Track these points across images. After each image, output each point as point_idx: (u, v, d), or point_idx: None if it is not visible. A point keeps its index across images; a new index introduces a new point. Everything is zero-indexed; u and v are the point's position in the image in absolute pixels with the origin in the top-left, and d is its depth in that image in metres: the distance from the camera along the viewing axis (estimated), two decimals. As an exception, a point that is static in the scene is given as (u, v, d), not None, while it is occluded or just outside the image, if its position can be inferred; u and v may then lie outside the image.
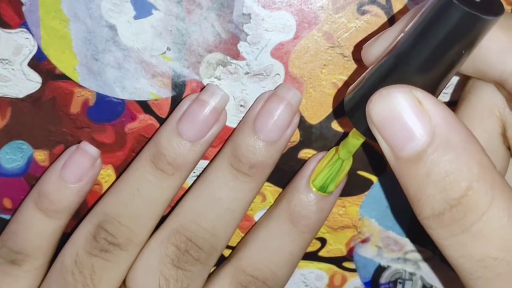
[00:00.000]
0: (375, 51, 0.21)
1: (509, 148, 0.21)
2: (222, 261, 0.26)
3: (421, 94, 0.18)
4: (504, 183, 0.18)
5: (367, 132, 0.19)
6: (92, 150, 0.24)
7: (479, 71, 0.20)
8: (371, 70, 0.20)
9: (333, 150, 0.24)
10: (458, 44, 0.17)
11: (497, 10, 0.17)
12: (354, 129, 0.22)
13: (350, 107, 0.20)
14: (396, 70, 0.18)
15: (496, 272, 0.18)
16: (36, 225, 0.24)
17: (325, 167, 0.24)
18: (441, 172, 0.17)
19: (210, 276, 0.25)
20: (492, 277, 0.18)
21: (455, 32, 0.17)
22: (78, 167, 0.24)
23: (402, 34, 0.18)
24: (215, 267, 0.26)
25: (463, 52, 0.18)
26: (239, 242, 0.26)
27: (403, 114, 0.18)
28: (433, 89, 0.18)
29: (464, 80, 0.21)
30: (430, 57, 0.18)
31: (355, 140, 0.22)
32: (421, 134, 0.17)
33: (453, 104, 0.24)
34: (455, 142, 0.17)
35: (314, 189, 0.24)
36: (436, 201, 0.18)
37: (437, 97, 0.19)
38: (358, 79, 0.20)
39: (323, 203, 0.24)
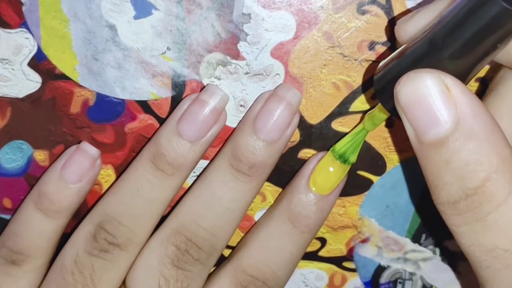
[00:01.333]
0: (409, 29, 0.21)
1: None
2: (222, 261, 0.26)
3: (450, 81, 0.18)
4: None
5: (394, 111, 0.20)
6: (92, 150, 0.24)
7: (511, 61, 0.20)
8: (403, 50, 0.20)
9: (329, 154, 0.24)
10: (493, 37, 0.17)
11: None
12: (379, 105, 0.22)
13: (379, 85, 0.20)
14: (429, 54, 0.18)
15: (505, 263, 0.18)
16: (36, 225, 0.24)
17: (348, 135, 0.24)
18: (461, 161, 0.18)
19: (210, 276, 0.25)
20: (501, 267, 0.18)
21: (492, 26, 0.17)
22: (78, 167, 0.24)
23: (438, 19, 0.18)
24: (215, 267, 0.26)
25: (498, 45, 0.18)
26: (239, 242, 0.26)
27: (430, 99, 0.18)
28: (463, 77, 0.18)
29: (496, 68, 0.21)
30: (464, 46, 0.18)
31: (381, 114, 0.22)
32: (446, 120, 0.18)
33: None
34: (479, 132, 0.17)
35: (314, 188, 0.24)
36: (453, 189, 0.18)
37: (466, 84, 0.19)
38: (389, 57, 0.20)
39: (323, 203, 0.24)
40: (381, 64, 0.21)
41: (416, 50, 0.19)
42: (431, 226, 0.27)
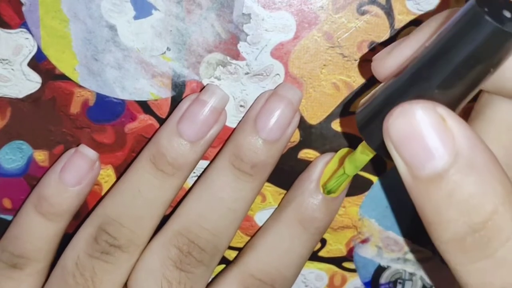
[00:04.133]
0: (389, 64, 0.20)
1: None
2: (223, 262, 0.26)
3: (445, 112, 0.17)
4: None
5: (381, 149, 0.18)
6: (91, 153, 0.24)
7: (499, 87, 0.19)
8: (387, 84, 0.19)
9: (337, 156, 0.24)
10: (485, 61, 0.16)
11: None
12: (363, 145, 0.21)
13: (363, 122, 0.19)
14: (417, 85, 0.17)
15: None
16: (37, 228, 0.24)
17: (331, 178, 0.24)
18: (465, 194, 0.16)
19: (215, 280, 0.25)
20: None
21: (484, 49, 0.16)
22: (77, 170, 0.24)
23: (423, 48, 0.17)
24: (221, 265, 0.26)
25: (491, 70, 0.17)
26: (244, 247, 0.26)
27: (425, 132, 0.17)
28: (455, 106, 0.18)
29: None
30: (454, 74, 0.17)
31: (364, 156, 0.21)
32: (443, 153, 0.16)
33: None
34: (479, 164, 0.16)
35: (323, 191, 0.24)
36: (458, 225, 0.17)
37: (457, 114, 0.18)
38: (371, 93, 0.19)
39: (332, 205, 0.25)
40: (362, 101, 0.20)
41: (403, 82, 0.18)
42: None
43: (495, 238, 0.17)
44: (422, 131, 0.17)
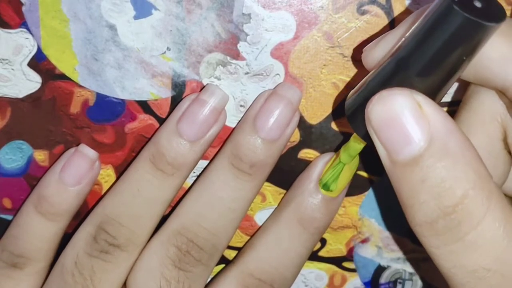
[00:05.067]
0: (376, 55, 0.21)
1: (510, 153, 0.21)
2: (223, 262, 0.26)
3: (422, 98, 0.17)
4: (500, 193, 0.18)
5: (367, 137, 0.19)
6: (90, 152, 0.24)
7: (480, 78, 0.19)
8: (372, 74, 0.19)
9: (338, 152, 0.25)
10: (458, 50, 0.17)
11: (499, 17, 0.17)
12: (354, 134, 0.22)
13: (351, 111, 0.20)
14: (397, 74, 0.18)
15: (488, 284, 0.17)
16: (37, 228, 0.24)
17: (328, 169, 0.24)
18: (437, 178, 0.17)
19: (215, 279, 0.25)
20: None
21: (456, 38, 0.17)
22: (76, 170, 0.24)
23: (403, 39, 0.18)
24: (220, 265, 0.26)
25: (464, 58, 0.17)
26: (244, 246, 0.26)
27: (402, 117, 0.17)
28: (434, 94, 0.18)
29: (466, 83, 0.21)
30: (431, 62, 0.17)
31: (356, 144, 0.22)
32: (419, 138, 0.17)
33: (456, 104, 0.24)
34: (453, 149, 0.17)
35: (323, 191, 0.24)
36: (430, 208, 0.17)
37: (438, 103, 0.18)
38: (359, 84, 0.20)
39: (332, 205, 0.25)
40: (350, 92, 0.20)
41: (384, 71, 0.19)
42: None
43: (465, 222, 0.17)
44: (399, 116, 0.17)
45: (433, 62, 0.17)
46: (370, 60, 0.21)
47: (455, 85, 0.25)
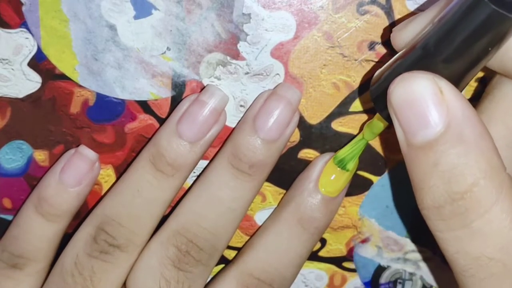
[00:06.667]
0: (404, 36, 0.21)
1: None
2: (222, 262, 0.26)
3: (444, 84, 0.18)
4: (511, 185, 0.18)
5: (390, 118, 0.19)
6: (90, 153, 0.25)
7: (505, 69, 0.20)
8: (398, 57, 0.20)
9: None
10: (484, 40, 0.17)
11: None
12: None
13: (375, 92, 0.20)
14: (422, 59, 0.18)
15: (490, 272, 0.18)
16: (37, 229, 0.24)
17: (349, 143, 0.24)
18: (449, 164, 0.17)
19: (214, 279, 0.25)
20: (485, 276, 0.18)
21: (483, 29, 0.17)
22: (76, 171, 0.24)
23: (431, 24, 0.18)
24: (220, 265, 0.26)
25: (490, 49, 0.18)
26: (243, 246, 0.26)
27: (423, 100, 0.17)
28: (457, 82, 0.18)
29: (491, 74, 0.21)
30: (456, 50, 0.18)
31: (379, 123, 0.22)
32: (436, 123, 0.17)
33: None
34: (469, 137, 0.17)
35: (323, 190, 0.24)
36: (439, 192, 0.18)
37: (461, 91, 0.19)
38: (385, 65, 0.20)
39: (332, 205, 0.25)
40: (377, 72, 0.21)
41: (410, 55, 0.19)
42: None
43: (473, 210, 0.17)
44: (419, 99, 0.18)
45: (458, 50, 0.18)
46: (398, 41, 0.21)
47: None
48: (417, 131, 0.18)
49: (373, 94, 0.21)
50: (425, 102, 0.17)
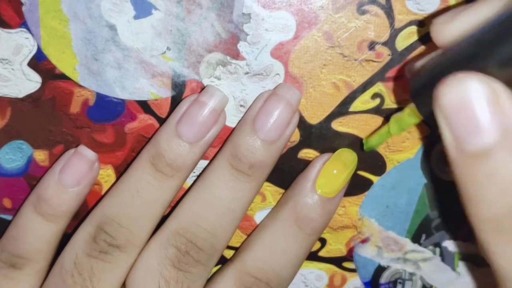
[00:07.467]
0: (450, 31, 0.19)
1: None
2: (222, 262, 0.26)
3: (500, 88, 0.16)
4: None
5: (430, 117, 0.18)
6: (90, 153, 0.25)
7: None
8: (445, 52, 0.18)
9: (335, 156, 0.25)
10: None
11: None
12: (411, 108, 0.21)
13: (416, 87, 0.19)
14: (477, 58, 0.17)
15: None
16: (36, 229, 0.24)
17: (374, 134, 0.24)
18: (509, 175, 0.16)
19: (213, 277, 0.25)
20: None
21: None
22: (76, 171, 0.24)
23: (487, 23, 0.17)
24: (217, 266, 0.26)
25: None
26: (242, 244, 0.26)
27: (476, 104, 0.16)
28: None
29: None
30: None
31: (411, 119, 0.21)
32: (492, 129, 0.16)
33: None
34: None
35: (320, 191, 0.24)
36: (498, 205, 0.16)
37: None
38: (427, 59, 0.19)
39: (329, 206, 0.24)
40: (417, 63, 0.19)
41: (463, 52, 0.17)
42: (431, 226, 0.27)
43: None
44: (473, 103, 0.16)
45: None
46: (442, 34, 0.20)
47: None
48: (470, 137, 0.16)
49: (413, 89, 0.19)
50: (480, 106, 0.16)
